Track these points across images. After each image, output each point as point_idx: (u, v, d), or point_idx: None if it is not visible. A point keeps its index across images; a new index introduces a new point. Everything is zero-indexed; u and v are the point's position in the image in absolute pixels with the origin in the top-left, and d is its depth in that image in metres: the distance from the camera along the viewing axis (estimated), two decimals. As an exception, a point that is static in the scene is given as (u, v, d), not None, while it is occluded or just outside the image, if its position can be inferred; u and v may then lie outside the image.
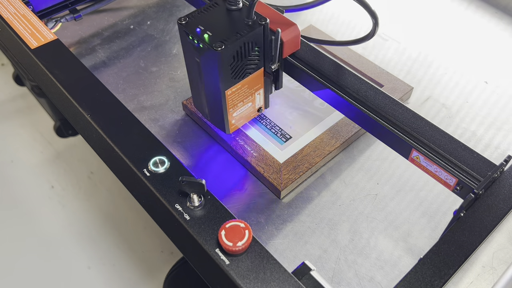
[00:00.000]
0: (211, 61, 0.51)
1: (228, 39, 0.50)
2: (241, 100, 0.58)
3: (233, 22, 0.52)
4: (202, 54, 0.52)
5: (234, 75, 0.53)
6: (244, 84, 0.56)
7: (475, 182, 0.46)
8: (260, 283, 0.39)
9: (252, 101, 0.59)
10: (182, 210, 0.43)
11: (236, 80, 0.54)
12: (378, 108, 0.52)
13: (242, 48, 0.52)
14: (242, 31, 0.51)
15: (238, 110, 0.58)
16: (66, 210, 1.25)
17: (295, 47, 0.57)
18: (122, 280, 1.13)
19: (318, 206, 0.58)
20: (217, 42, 0.50)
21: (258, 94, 0.59)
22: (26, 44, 0.59)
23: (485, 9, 0.85)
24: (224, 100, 0.55)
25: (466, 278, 0.51)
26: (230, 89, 0.54)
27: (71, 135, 1.38)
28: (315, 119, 0.65)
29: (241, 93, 0.56)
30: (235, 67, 0.53)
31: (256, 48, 0.53)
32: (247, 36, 0.51)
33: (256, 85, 0.58)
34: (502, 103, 0.70)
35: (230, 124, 0.59)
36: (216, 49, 0.49)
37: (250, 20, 0.52)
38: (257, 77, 0.57)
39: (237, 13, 0.54)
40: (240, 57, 0.52)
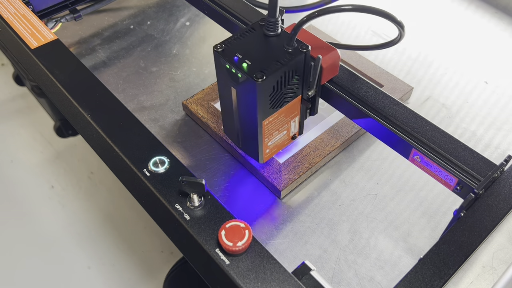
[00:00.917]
0: (250, 91, 0.48)
1: (268, 69, 0.47)
2: (277, 129, 0.54)
3: (273, 50, 0.49)
4: (240, 84, 0.48)
5: (272, 104, 0.50)
6: (281, 113, 0.53)
7: (475, 182, 0.46)
8: (260, 283, 0.39)
9: (287, 129, 0.56)
10: (182, 210, 0.43)
11: (274, 110, 0.51)
12: (378, 108, 0.52)
13: (282, 78, 0.48)
14: (282, 59, 0.48)
15: (273, 139, 0.55)
16: (66, 210, 1.25)
17: (334, 72, 0.55)
18: (122, 280, 1.13)
19: (318, 206, 0.58)
20: (257, 72, 0.46)
21: (294, 122, 0.56)
22: (26, 44, 0.59)
23: (485, 9, 0.85)
24: (260, 131, 0.52)
25: (466, 278, 0.51)
26: (267, 119, 0.51)
27: (71, 135, 1.38)
28: (315, 119, 0.65)
29: (277, 122, 0.53)
30: (274, 97, 0.50)
31: (296, 76, 0.50)
32: (288, 65, 0.48)
33: (293, 112, 0.55)
34: (502, 103, 0.70)
35: (264, 153, 0.56)
36: (256, 80, 0.46)
37: (291, 48, 0.48)
38: (294, 105, 0.54)
39: (275, 39, 0.50)
40: (280, 87, 0.49)
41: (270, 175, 0.58)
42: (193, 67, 0.75)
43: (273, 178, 0.57)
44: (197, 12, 0.84)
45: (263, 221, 0.56)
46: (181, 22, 0.83)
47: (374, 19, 0.81)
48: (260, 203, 0.58)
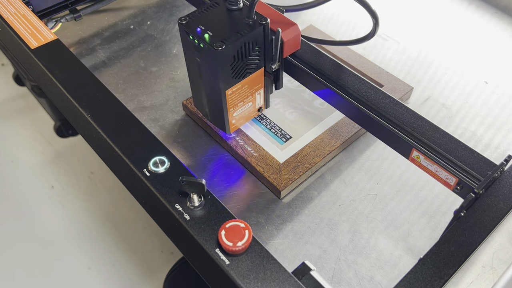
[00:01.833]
0: (212, 60, 0.51)
1: (229, 39, 0.50)
2: (242, 100, 0.57)
3: (234, 22, 0.52)
4: (202, 54, 0.51)
5: (234, 74, 0.53)
6: (245, 84, 0.56)
7: (476, 181, 0.46)
8: (260, 283, 0.39)
9: (252, 101, 0.59)
10: (182, 210, 0.43)
11: (237, 80, 0.54)
12: (378, 107, 0.52)
13: (242, 48, 0.52)
14: (242, 30, 0.51)
15: (238, 110, 0.58)
16: (66, 210, 1.25)
17: (295, 47, 0.57)
18: (122, 280, 1.13)
19: (318, 206, 0.58)
20: (218, 42, 0.49)
21: (259, 94, 0.59)
22: (26, 44, 0.59)
23: (485, 9, 0.85)
24: (224, 100, 0.55)
25: (466, 278, 0.51)
26: (231, 89, 0.54)
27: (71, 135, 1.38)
28: (315, 119, 0.65)
29: (241, 93, 0.56)
30: (235, 67, 0.53)
31: (257, 48, 0.53)
32: (247, 35, 0.51)
33: (257, 85, 0.58)
34: (502, 103, 0.70)
35: (230, 124, 0.59)
36: (216, 48, 0.49)
37: (251, 20, 0.52)
38: (258, 77, 0.57)
39: (237, 13, 0.53)
40: (240, 57, 0.52)
41: (270, 175, 0.58)
42: (193, 67, 0.75)
43: (273, 178, 0.57)
44: (197, 12, 0.84)
45: (263, 221, 0.56)
46: (181, 22, 0.83)
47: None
48: (260, 203, 0.58)
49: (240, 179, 0.60)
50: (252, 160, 0.59)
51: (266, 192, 0.59)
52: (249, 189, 0.59)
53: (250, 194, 0.59)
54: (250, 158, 0.60)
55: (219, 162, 0.62)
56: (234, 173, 0.61)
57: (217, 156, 0.63)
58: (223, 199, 0.58)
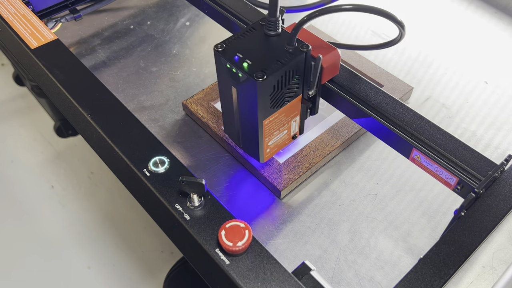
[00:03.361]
0: (250, 91, 0.48)
1: (269, 68, 0.47)
2: (277, 129, 0.54)
3: (273, 49, 0.49)
4: (240, 83, 0.48)
5: (272, 104, 0.50)
6: (282, 113, 0.53)
7: (476, 181, 0.46)
8: (260, 283, 0.39)
9: (288, 129, 0.56)
10: (182, 210, 0.43)
11: (274, 110, 0.51)
12: (379, 107, 0.52)
13: (283, 77, 0.48)
14: (283, 59, 0.48)
15: (273, 139, 0.55)
16: (66, 210, 1.25)
17: (334, 72, 0.55)
18: (122, 280, 1.13)
19: (318, 206, 0.58)
20: (258, 72, 0.46)
21: (294, 122, 0.56)
22: (26, 44, 0.59)
23: (485, 9, 0.85)
24: (261, 130, 0.52)
25: (466, 278, 0.51)
26: (268, 118, 0.51)
27: (71, 135, 1.38)
28: (315, 119, 0.65)
29: (278, 121, 0.53)
30: (274, 97, 0.49)
31: (297, 76, 0.50)
32: (289, 64, 0.48)
33: (293, 112, 0.54)
34: (502, 103, 0.70)
35: (265, 153, 0.56)
36: (257, 79, 0.46)
37: (291, 47, 0.48)
38: (295, 105, 0.54)
39: (276, 38, 0.50)
40: (280, 86, 0.49)
41: (270, 175, 0.58)
42: (193, 67, 0.75)
43: (273, 178, 0.57)
44: (197, 12, 0.84)
45: (263, 221, 0.56)
46: (181, 22, 0.83)
47: (374, 19, 0.81)
48: (260, 203, 0.58)
49: (240, 179, 0.60)
50: (252, 160, 0.59)
51: (266, 192, 0.59)
52: (249, 189, 0.59)
53: (250, 194, 0.59)
54: (250, 158, 0.59)
55: (219, 162, 0.62)
56: (234, 173, 0.61)
57: (217, 156, 0.63)
58: (223, 199, 0.58)
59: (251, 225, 0.56)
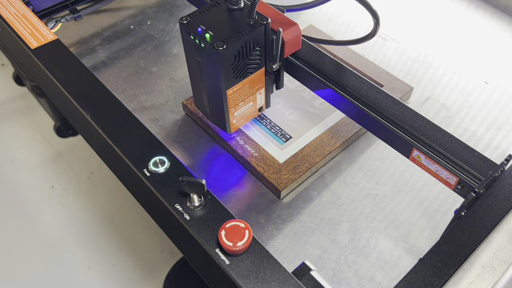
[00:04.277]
0: (213, 60, 0.51)
1: (230, 39, 0.50)
2: (242, 100, 0.57)
3: (235, 22, 0.52)
4: (203, 53, 0.51)
5: (235, 74, 0.53)
6: (245, 84, 0.56)
7: (476, 181, 0.46)
8: (260, 283, 0.39)
9: (253, 101, 0.59)
10: (182, 210, 0.43)
11: (237, 80, 0.54)
12: (379, 107, 0.52)
13: (243, 48, 0.52)
14: (243, 30, 0.51)
15: (239, 110, 0.58)
16: (66, 210, 1.25)
17: (296, 46, 0.57)
18: (122, 280, 1.13)
19: (318, 206, 0.58)
20: (219, 42, 0.50)
21: (259, 94, 0.59)
22: (26, 44, 0.59)
23: (485, 9, 0.85)
24: (225, 100, 0.55)
25: (466, 278, 0.51)
26: (232, 88, 0.54)
27: (71, 135, 1.38)
28: (315, 119, 0.65)
29: (242, 92, 0.56)
30: (236, 67, 0.53)
31: (258, 48, 0.53)
32: (248, 35, 0.51)
33: (257, 84, 0.58)
34: (502, 103, 0.70)
35: (231, 124, 0.59)
36: (217, 48, 0.49)
37: (252, 20, 0.52)
38: (258, 77, 0.57)
39: (238, 12, 0.54)
40: (241, 57, 0.52)
41: (270, 175, 0.58)
42: (193, 67, 0.75)
43: (273, 178, 0.57)
44: (197, 12, 0.84)
45: (263, 221, 0.56)
46: (181, 22, 0.83)
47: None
48: (260, 203, 0.58)
49: (240, 179, 0.60)
50: (252, 160, 0.59)
51: (266, 192, 0.59)
52: (249, 189, 0.59)
53: (250, 194, 0.59)
54: (250, 158, 0.60)
55: (219, 162, 0.62)
56: (234, 173, 0.61)
57: (217, 156, 0.63)
58: (223, 199, 0.58)
59: (251, 225, 0.56)
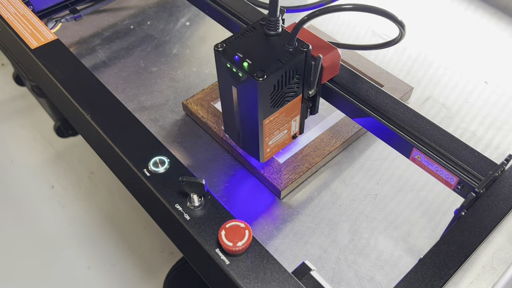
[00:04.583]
0: (251, 90, 0.48)
1: (269, 68, 0.47)
2: (278, 128, 0.54)
3: (273, 49, 0.49)
4: (240, 83, 0.48)
5: (273, 104, 0.50)
6: (282, 112, 0.53)
7: (476, 181, 0.46)
8: (260, 283, 0.39)
9: (288, 128, 0.56)
10: (182, 210, 0.43)
11: (275, 109, 0.51)
12: (379, 107, 0.52)
13: (283, 77, 0.49)
14: (283, 58, 0.48)
15: (274, 138, 0.55)
16: (66, 210, 1.25)
17: (334, 72, 0.55)
18: (122, 280, 1.13)
19: (318, 206, 0.58)
20: (258, 72, 0.46)
21: (294, 121, 0.56)
22: (26, 44, 0.59)
23: (485, 9, 0.85)
24: (261, 130, 0.52)
25: (466, 278, 0.51)
26: (268, 118, 0.51)
27: (71, 135, 1.38)
28: (315, 119, 0.65)
29: (278, 121, 0.53)
30: (274, 96, 0.50)
31: (297, 76, 0.50)
32: (289, 64, 0.48)
33: (294, 112, 0.55)
34: (502, 103, 0.70)
35: (265, 152, 0.56)
36: (257, 79, 0.46)
37: (291, 47, 0.49)
38: (295, 104, 0.54)
39: (276, 38, 0.50)
40: (280, 86, 0.49)
41: (270, 175, 0.58)
42: (193, 67, 0.75)
43: (273, 178, 0.57)
44: (197, 12, 0.84)
45: (263, 221, 0.56)
46: (181, 22, 0.83)
47: (374, 19, 0.81)
48: (260, 203, 0.58)
49: (240, 179, 0.60)
50: (252, 160, 0.59)
51: (266, 192, 0.59)
52: (249, 189, 0.59)
53: (250, 194, 0.59)
54: (250, 158, 0.59)
55: (219, 162, 0.62)
56: (234, 173, 0.61)
57: (217, 156, 0.63)
58: (223, 199, 0.58)
59: (251, 225, 0.56)
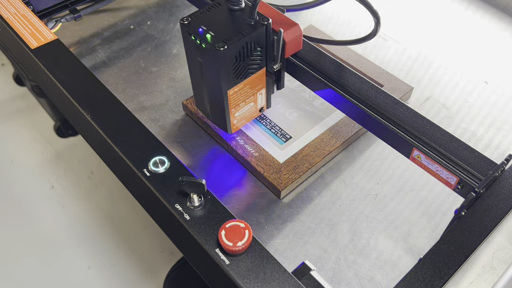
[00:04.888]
0: (214, 61, 0.51)
1: (231, 39, 0.50)
2: (243, 100, 0.57)
3: (236, 22, 0.52)
4: (204, 54, 0.51)
5: (236, 75, 0.53)
6: (246, 84, 0.55)
7: (476, 181, 0.46)
8: (260, 283, 0.39)
9: (254, 101, 0.59)
10: (182, 210, 0.43)
11: (238, 80, 0.54)
12: (379, 107, 0.52)
13: (244, 48, 0.51)
14: (244, 31, 0.51)
15: (240, 110, 0.58)
16: (66, 210, 1.25)
17: (297, 47, 0.57)
18: (122, 280, 1.13)
19: (318, 206, 0.58)
20: (220, 42, 0.49)
21: (260, 94, 0.59)
22: (26, 44, 0.59)
23: (485, 9, 0.85)
24: (226, 100, 0.55)
25: (466, 278, 0.51)
26: (232, 89, 0.54)
27: (71, 135, 1.38)
28: (315, 119, 0.65)
29: (243, 93, 0.56)
30: (237, 67, 0.52)
31: (259, 48, 0.53)
32: (249, 36, 0.51)
33: (258, 85, 0.58)
34: (502, 103, 0.70)
35: (232, 124, 0.59)
36: (218, 49, 0.49)
37: (253, 20, 0.52)
38: (259, 77, 0.57)
39: (239, 13, 0.53)
40: (242, 57, 0.52)
41: (270, 175, 0.58)
42: (193, 67, 0.75)
43: (273, 178, 0.57)
44: (197, 12, 0.84)
45: (263, 221, 0.56)
46: (181, 22, 0.83)
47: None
48: (260, 203, 0.58)
49: (240, 179, 0.60)
50: (252, 160, 0.59)
51: (266, 192, 0.59)
52: (249, 189, 0.59)
53: (250, 194, 0.59)
54: (250, 158, 0.60)
55: (219, 162, 0.62)
56: (234, 173, 0.61)
57: (217, 156, 0.63)
58: (223, 199, 0.58)
59: (251, 225, 0.56)
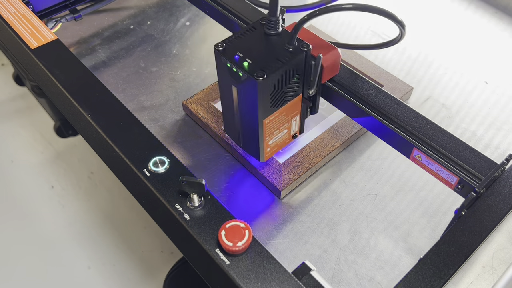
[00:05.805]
0: (251, 90, 0.48)
1: (269, 67, 0.47)
2: (278, 128, 0.54)
3: (273, 48, 0.49)
4: (241, 82, 0.48)
5: (273, 103, 0.50)
6: (282, 112, 0.53)
7: (477, 181, 0.46)
8: (260, 283, 0.39)
9: (288, 128, 0.56)
10: (182, 210, 0.43)
11: (275, 109, 0.51)
12: (379, 107, 0.52)
13: (283, 77, 0.48)
14: (283, 58, 0.48)
15: (274, 138, 0.55)
16: (66, 210, 1.25)
17: (334, 71, 0.55)
18: (122, 280, 1.13)
19: (318, 206, 0.58)
20: (258, 71, 0.46)
21: (294, 121, 0.56)
22: (26, 44, 0.59)
23: (485, 9, 0.85)
24: (261, 129, 0.52)
25: (466, 278, 0.51)
26: (268, 117, 0.51)
27: (71, 135, 1.38)
28: (315, 119, 0.65)
29: (278, 121, 0.53)
30: (274, 96, 0.49)
31: (297, 75, 0.50)
32: (289, 63, 0.48)
33: (294, 111, 0.55)
34: (502, 103, 0.70)
35: (265, 152, 0.56)
36: (257, 78, 0.46)
37: (291, 46, 0.49)
38: (295, 104, 0.54)
39: (276, 37, 0.50)
40: (280, 86, 0.49)
41: (270, 175, 0.58)
42: (193, 67, 0.75)
43: (273, 178, 0.57)
44: (197, 12, 0.84)
45: (263, 221, 0.56)
46: (181, 22, 0.83)
47: (374, 19, 0.81)
48: (260, 203, 0.58)
49: (240, 179, 0.60)
50: (252, 160, 0.59)
51: (266, 192, 0.59)
52: (249, 189, 0.59)
53: (250, 194, 0.59)
54: (250, 158, 0.59)
55: (219, 162, 0.62)
56: (234, 173, 0.61)
57: (217, 156, 0.63)
58: (223, 199, 0.58)
59: (251, 225, 0.56)
